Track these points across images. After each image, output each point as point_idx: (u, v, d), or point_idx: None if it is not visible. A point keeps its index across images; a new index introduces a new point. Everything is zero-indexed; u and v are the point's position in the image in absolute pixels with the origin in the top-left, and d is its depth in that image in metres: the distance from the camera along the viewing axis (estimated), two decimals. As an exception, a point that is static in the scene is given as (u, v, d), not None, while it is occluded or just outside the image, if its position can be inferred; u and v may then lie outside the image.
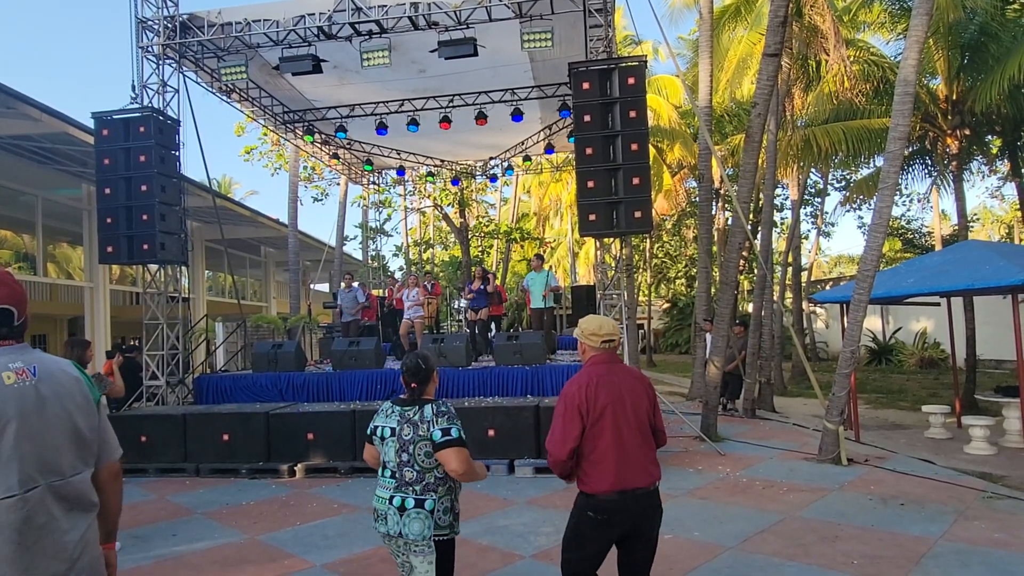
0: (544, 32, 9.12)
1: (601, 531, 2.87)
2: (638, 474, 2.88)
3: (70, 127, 11.58)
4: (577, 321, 3.20)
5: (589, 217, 8.76)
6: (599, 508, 2.84)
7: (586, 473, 2.88)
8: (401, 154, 16.99)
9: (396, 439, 2.92)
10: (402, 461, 2.90)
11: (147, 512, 6.53)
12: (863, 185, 17.87)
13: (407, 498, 2.87)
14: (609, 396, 2.87)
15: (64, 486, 1.92)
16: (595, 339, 2.99)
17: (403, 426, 2.92)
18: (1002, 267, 7.50)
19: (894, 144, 7.48)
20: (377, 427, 3.02)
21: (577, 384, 2.90)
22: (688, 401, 13.55)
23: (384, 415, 3.02)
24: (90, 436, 2.03)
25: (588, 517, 2.87)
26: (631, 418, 2.90)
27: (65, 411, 1.95)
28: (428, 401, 2.99)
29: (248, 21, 9.78)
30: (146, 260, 9.81)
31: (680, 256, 30.83)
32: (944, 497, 6.08)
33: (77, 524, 1.96)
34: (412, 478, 2.89)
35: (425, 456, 2.89)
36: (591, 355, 3.02)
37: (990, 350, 15.51)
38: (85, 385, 2.05)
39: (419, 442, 2.88)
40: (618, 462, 2.84)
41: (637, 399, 2.95)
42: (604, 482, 2.83)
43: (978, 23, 11.52)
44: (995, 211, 34.00)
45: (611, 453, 2.84)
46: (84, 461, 2.02)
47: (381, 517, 2.92)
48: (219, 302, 23.07)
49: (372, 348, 9.88)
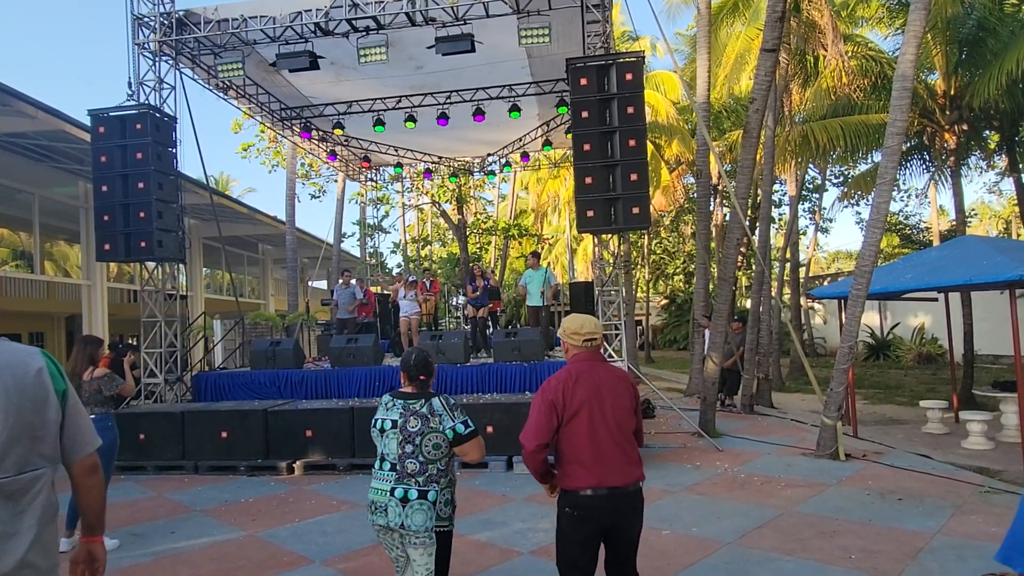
0: (541, 28, 9.10)
1: (580, 527, 2.85)
2: (616, 472, 2.85)
3: (66, 124, 11.55)
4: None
5: (587, 213, 8.75)
6: (576, 504, 2.84)
7: (564, 470, 2.88)
8: (399, 151, 16.96)
9: (398, 431, 2.93)
10: (405, 453, 2.92)
11: (146, 510, 6.53)
12: (861, 181, 17.87)
13: (410, 489, 2.89)
14: (587, 393, 2.85)
15: (10, 483, 1.77)
16: (576, 338, 2.98)
17: (408, 419, 2.94)
18: (1000, 262, 7.51)
19: (892, 139, 7.48)
20: (377, 419, 3.04)
21: (556, 379, 2.90)
22: (686, 397, 13.57)
23: (384, 408, 3.04)
24: (45, 431, 1.87)
25: (566, 514, 2.87)
26: (609, 416, 2.87)
27: (13, 405, 1.79)
28: (433, 395, 3.03)
29: (244, 17, 9.75)
30: (143, 258, 9.79)
31: (678, 252, 30.83)
32: (941, 492, 6.10)
33: (24, 526, 1.79)
34: (415, 470, 2.91)
35: (433, 448, 2.93)
36: (573, 353, 3.02)
37: (988, 345, 15.52)
38: (48, 376, 1.90)
39: (428, 434, 2.92)
40: (594, 459, 2.82)
41: (617, 398, 2.92)
42: (580, 479, 2.82)
43: (976, 18, 11.51)
44: (993, 206, 34.07)
45: (587, 450, 2.83)
46: (43, 457, 1.87)
47: (380, 509, 2.92)
48: (217, 299, 23.03)
49: (370, 345, 9.88)
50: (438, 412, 2.96)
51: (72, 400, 1.99)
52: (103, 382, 5.29)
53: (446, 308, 18.55)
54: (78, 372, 5.28)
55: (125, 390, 5.49)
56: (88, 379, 5.28)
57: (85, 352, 5.38)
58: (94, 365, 5.35)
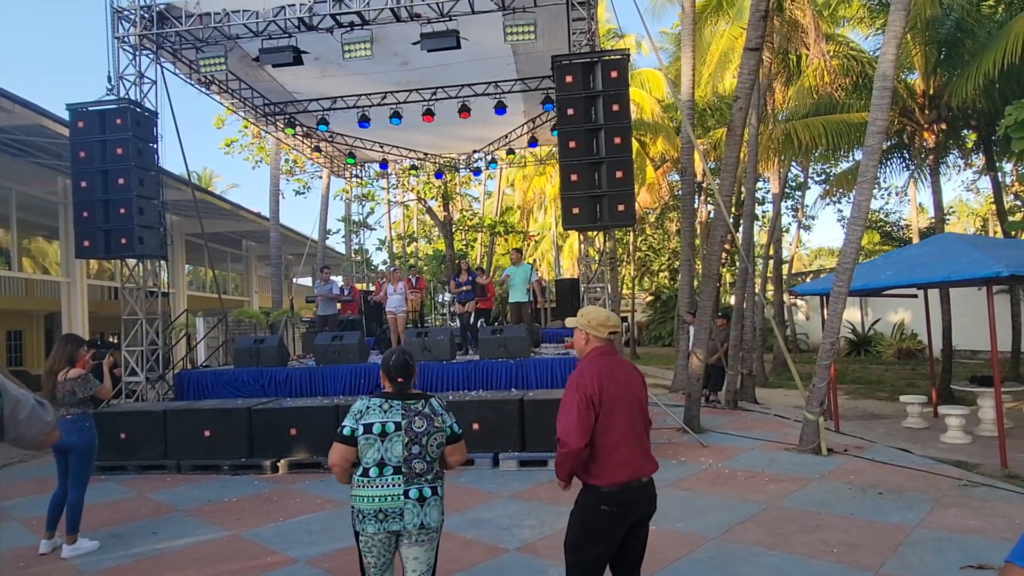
0: (527, 25, 9.09)
1: (615, 524, 2.83)
2: (647, 462, 2.91)
3: (44, 119, 11.34)
4: (562, 314, 3.24)
5: (573, 210, 8.77)
6: (614, 500, 2.80)
7: (599, 466, 2.81)
8: (384, 147, 16.87)
9: (403, 433, 2.87)
10: (412, 454, 2.87)
11: (127, 510, 6.45)
12: (843, 178, 18.08)
13: (423, 488, 2.88)
14: (618, 387, 2.86)
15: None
16: (603, 330, 2.97)
17: (413, 419, 2.90)
18: (977, 259, 7.63)
19: (873, 138, 7.57)
20: (373, 423, 2.87)
21: (590, 374, 2.85)
22: (671, 393, 13.65)
23: (380, 411, 2.89)
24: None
25: (603, 512, 2.80)
26: (635, 408, 2.92)
27: None
28: (430, 395, 3.05)
29: (227, 12, 9.63)
30: (124, 254, 9.64)
31: (663, 249, 30.99)
32: (921, 485, 6.20)
33: None
34: (423, 469, 2.90)
35: (436, 447, 2.96)
36: (595, 345, 2.98)
37: (966, 340, 15.79)
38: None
39: (434, 433, 2.93)
40: (632, 452, 2.84)
41: (638, 390, 2.98)
42: (620, 474, 2.80)
43: (954, 19, 11.66)
44: (971, 204, 34.59)
45: (626, 443, 2.83)
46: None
47: (394, 515, 2.82)
48: (200, 296, 22.78)
49: (355, 343, 9.83)
50: (439, 412, 2.98)
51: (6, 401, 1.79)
52: (77, 384, 5.17)
53: (432, 305, 18.50)
54: (55, 371, 5.18)
55: (102, 392, 5.38)
56: (63, 379, 5.16)
57: (64, 351, 5.26)
58: (72, 365, 5.24)
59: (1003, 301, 12.92)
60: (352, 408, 2.99)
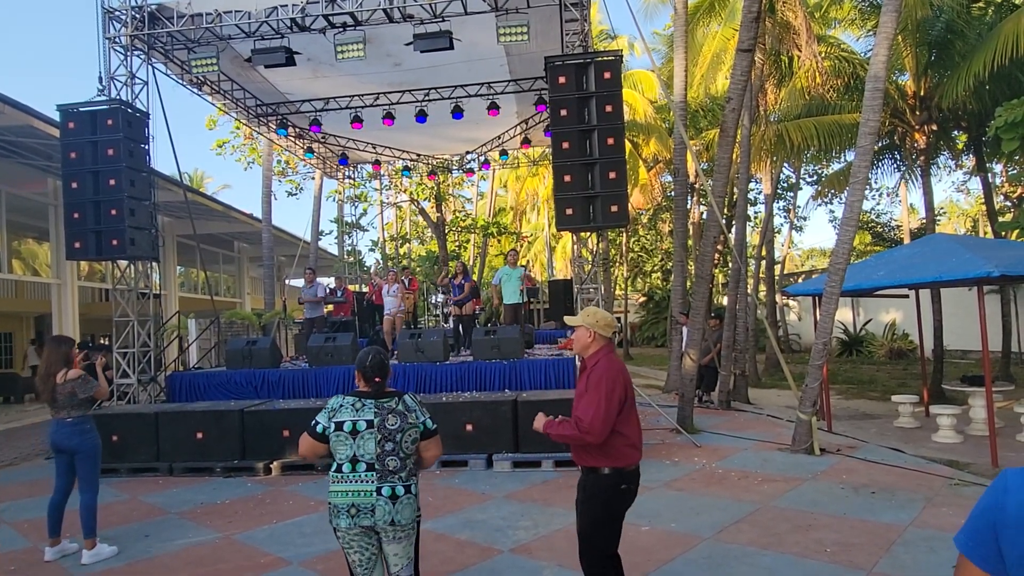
0: (520, 26, 9.09)
1: (628, 500, 3.25)
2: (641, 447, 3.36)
3: (34, 119, 11.27)
4: (555, 316, 3.40)
5: (566, 211, 8.77)
6: (630, 479, 3.22)
7: (620, 450, 3.18)
8: (377, 148, 16.84)
9: (376, 431, 2.92)
10: (385, 451, 2.91)
11: (119, 513, 6.40)
12: (834, 179, 18.17)
13: (396, 486, 2.91)
14: (628, 380, 3.28)
15: None
16: (609, 330, 3.30)
17: (386, 417, 2.94)
18: (968, 259, 7.68)
19: (865, 139, 7.61)
20: (344, 422, 2.94)
21: (613, 370, 3.19)
22: (664, 393, 13.67)
23: (352, 409, 2.96)
24: None
25: (622, 490, 3.19)
26: (633, 398, 3.33)
27: None
28: (403, 393, 3.08)
29: (219, 12, 9.59)
30: (115, 256, 9.58)
31: (656, 250, 31.07)
32: (913, 485, 6.23)
33: None
34: (396, 466, 2.92)
35: (411, 443, 2.98)
36: (602, 344, 3.29)
37: (957, 340, 15.88)
38: None
39: (408, 430, 2.96)
40: (639, 437, 3.28)
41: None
42: (633, 456, 3.22)
43: (945, 20, 11.75)
44: (961, 205, 34.87)
45: (637, 430, 3.27)
46: None
47: (365, 511, 2.88)
48: (192, 298, 22.67)
49: (348, 344, 9.79)
50: (412, 408, 3.03)
51: None
52: (77, 384, 5.05)
53: (425, 306, 18.44)
54: (52, 373, 5.04)
55: (99, 392, 5.31)
56: (62, 381, 5.03)
57: (59, 352, 5.12)
58: (68, 366, 5.11)
59: (994, 301, 13.01)
60: (328, 404, 3.06)
